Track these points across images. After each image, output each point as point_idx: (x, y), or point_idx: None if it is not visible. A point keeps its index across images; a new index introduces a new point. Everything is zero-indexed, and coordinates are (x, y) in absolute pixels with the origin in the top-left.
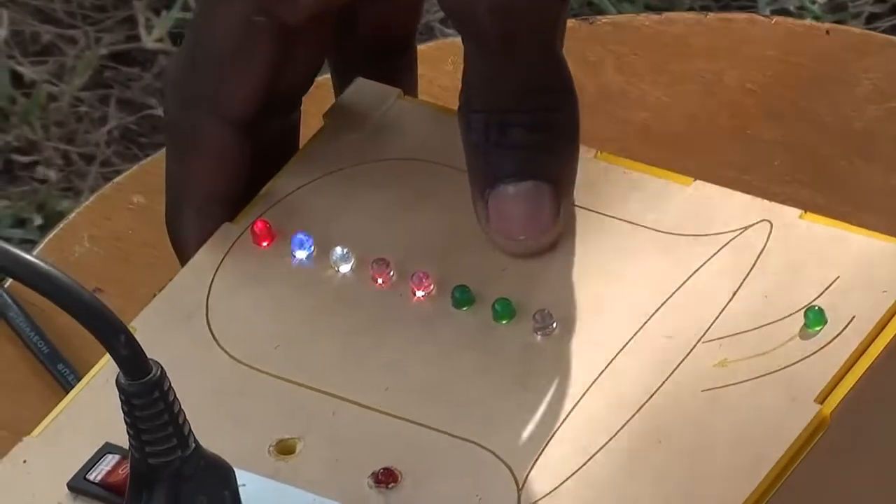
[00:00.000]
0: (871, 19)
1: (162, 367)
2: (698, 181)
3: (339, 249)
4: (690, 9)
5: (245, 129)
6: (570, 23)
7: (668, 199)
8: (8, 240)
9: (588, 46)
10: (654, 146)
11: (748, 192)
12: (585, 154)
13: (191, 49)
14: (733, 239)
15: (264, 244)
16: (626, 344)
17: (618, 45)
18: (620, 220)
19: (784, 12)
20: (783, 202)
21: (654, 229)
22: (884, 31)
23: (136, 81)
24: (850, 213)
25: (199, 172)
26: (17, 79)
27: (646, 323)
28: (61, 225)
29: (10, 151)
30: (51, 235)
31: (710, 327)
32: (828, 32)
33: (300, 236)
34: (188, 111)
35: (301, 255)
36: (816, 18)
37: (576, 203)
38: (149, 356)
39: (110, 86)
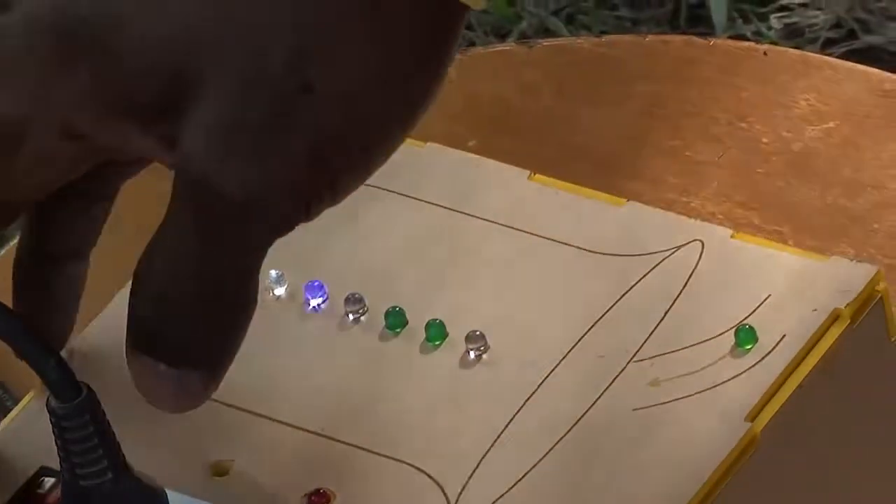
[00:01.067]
0: (827, 44)
1: (91, 390)
2: (631, 202)
3: (272, 273)
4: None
5: None
6: (509, 47)
7: (600, 219)
8: None
9: (527, 70)
10: (594, 168)
11: (686, 213)
12: (520, 175)
13: None
14: (665, 259)
15: None
16: (559, 363)
17: (556, 68)
18: (553, 240)
19: (741, 38)
20: (721, 223)
21: (586, 249)
22: (840, 56)
23: None
24: (787, 233)
25: None
26: None
27: (578, 342)
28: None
29: None
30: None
31: (641, 346)
32: (765, 54)
33: None
34: None
35: None
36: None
37: (509, 224)
38: (82, 379)
39: None
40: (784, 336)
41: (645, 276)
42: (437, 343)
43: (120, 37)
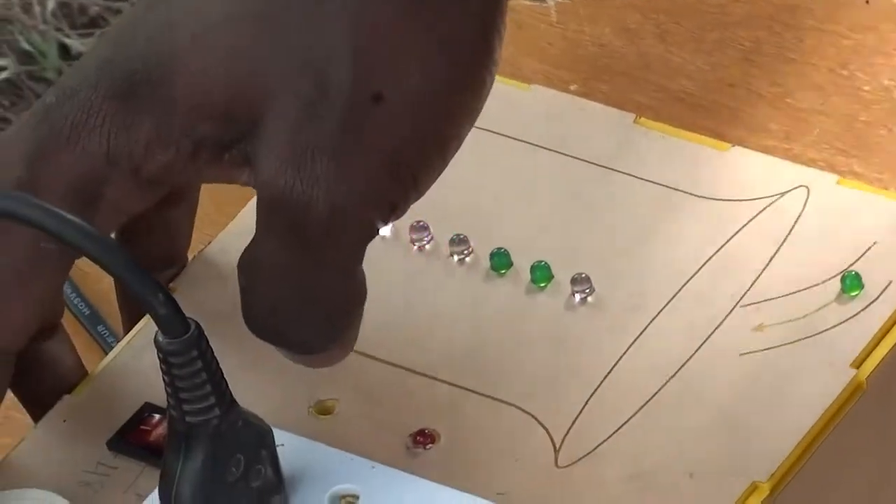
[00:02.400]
0: None
1: (200, 326)
2: (736, 147)
3: None
4: None
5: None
6: None
7: (705, 164)
8: None
9: (627, 14)
10: (693, 114)
11: (787, 160)
12: (625, 119)
13: None
14: (770, 204)
15: None
16: (664, 307)
17: (656, 13)
18: (658, 184)
19: None
20: (822, 170)
21: (691, 194)
22: None
23: None
24: (888, 180)
25: None
26: (64, 50)
27: (683, 286)
28: None
29: None
30: None
31: (747, 291)
32: (867, 2)
33: None
34: None
35: None
36: None
37: (615, 167)
38: (187, 315)
39: None
40: (890, 283)
41: (750, 221)
42: (543, 285)
43: (174, 80)
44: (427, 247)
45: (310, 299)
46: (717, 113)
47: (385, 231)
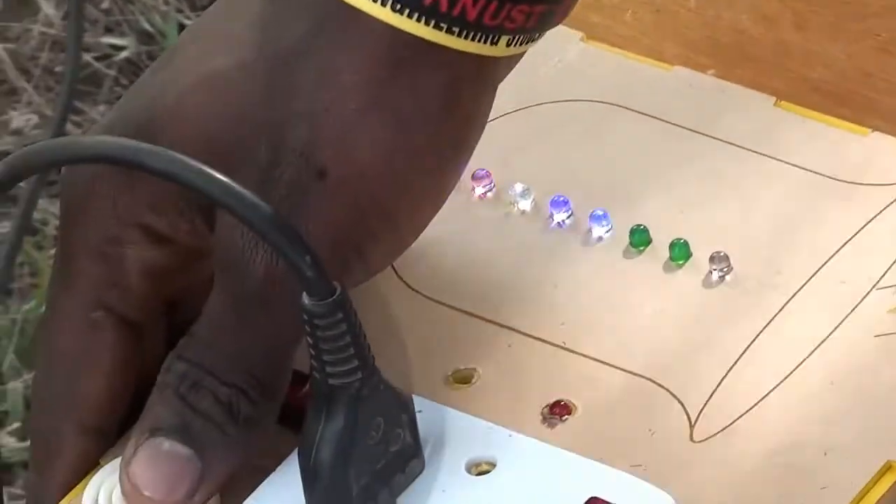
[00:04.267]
0: None
1: (344, 288)
2: (876, 132)
3: (518, 186)
4: None
5: (103, 434)
6: None
7: (845, 148)
8: None
9: (765, 1)
10: (830, 102)
11: None
12: (765, 102)
13: (42, 352)
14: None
15: None
16: (801, 288)
17: (795, 2)
18: (798, 167)
19: None
20: None
21: (831, 177)
22: None
23: None
24: None
25: (59, 480)
26: (184, 31)
27: (821, 268)
28: None
29: None
30: None
31: (884, 275)
32: None
33: (481, 173)
34: (47, 418)
35: (481, 191)
36: None
37: (754, 149)
38: None
39: None
40: None
41: (889, 205)
42: (681, 262)
43: (161, 143)
44: (567, 222)
45: (239, 361)
46: (853, 102)
47: (525, 205)
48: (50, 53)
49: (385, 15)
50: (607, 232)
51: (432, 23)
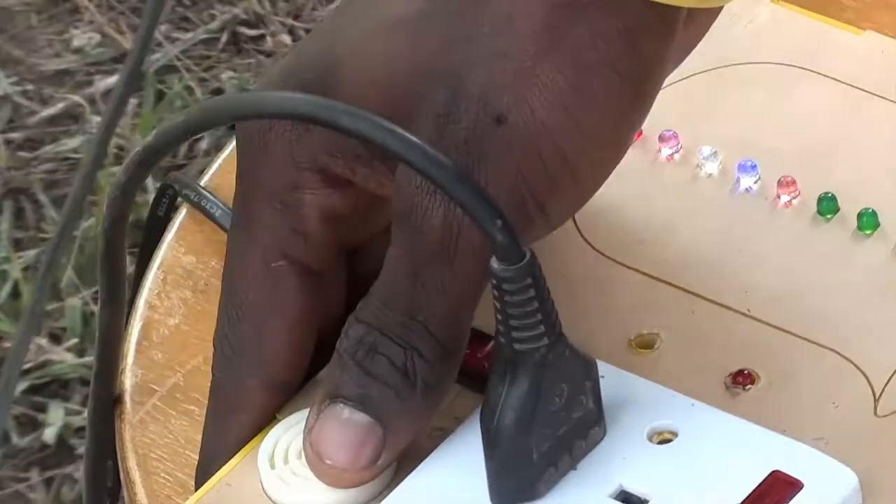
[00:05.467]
0: None
1: (534, 253)
2: None
3: (706, 149)
4: None
5: (285, 389)
6: None
7: None
8: None
9: None
10: None
11: None
12: None
13: (225, 303)
14: None
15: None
16: None
17: None
18: None
19: None
20: None
21: None
22: None
23: None
24: None
25: (239, 434)
26: None
27: None
28: None
29: (238, 24)
30: None
31: None
32: None
33: (668, 134)
34: (230, 371)
35: (668, 152)
36: None
37: None
38: None
39: None
40: None
41: None
42: (869, 232)
43: (337, 88)
44: (754, 187)
45: (416, 321)
46: None
47: (712, 168)
48: None
49: None
50: (795, 199)
51: None
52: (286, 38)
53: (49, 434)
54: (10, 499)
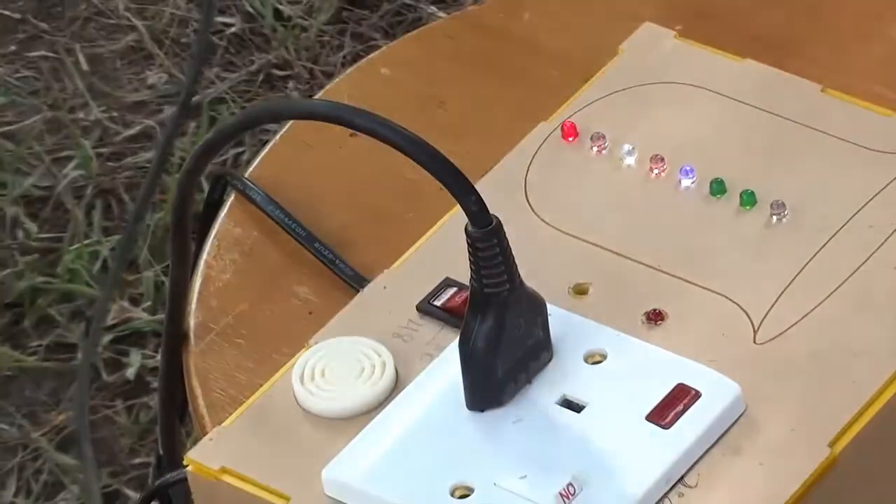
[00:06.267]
0: None
1: (499, 220)
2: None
3: (626, 146)
4: None
5: None
6: None
7: (878, 126)
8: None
9: None
10: None
11: None
12: (812, 89)
13: None
14: None
15: (570, 139)
16: (838, 231)
17: None
18: (841, 139)
19: None
20: None
21: (863, 146)
22: None
23: (366, 20)
24: None
25: None
26: (277, 14)
27: (856, 214)
28: (324, 90)
29: (271, 67)
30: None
31: None
32: None
33: (598, 134)
34: None
35: (597, 149)
36: None
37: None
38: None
39: (346, 22)
40: None
41: None
42: (748, 208)
43: None
44: (662, 174)
45: None
46: None
47: (630, 161)
48: (177, 28)
49: None
50: (693, 183)
51: None
52: (307, 77)
53: (130, 372)
54: (102, 421)
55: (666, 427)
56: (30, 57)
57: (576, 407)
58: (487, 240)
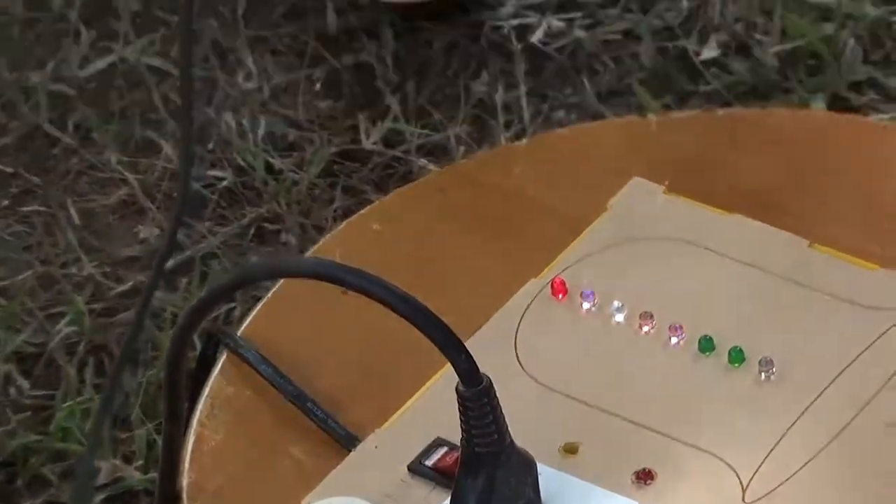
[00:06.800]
0: None
1: (490, 379)
2: (882, 269)
3: (615, 302)
4: None
5: None
6: None
7: (863, 280)
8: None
9: None
10: None
11: None
12: (800, 244)
13: None
14: None
15: (560, 296)
16: (827, 387)
17: None
18: (830, 295)
19: None
20: None
21: (850, 302)
22: None
23: (357, 173)
24: None
25: None
26: (269, 167)
27: (841, 371)
28: (316, 246)
29: (262, 221)
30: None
31: (892, 377)
32: None
33: (587, 292)
34: None
35: (587, 306)
36: None
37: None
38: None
39: (337, 175)
40: None
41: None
42: (737, 365)
43: None
44: (651, 331)
45: None
46: None
47: (619, 317)
48: (169, 182)
49: None
50: (682, 339)
51: None
52: (298, 231)
53: None
54: None
55: None
56: (22, 211)
57: None
58: (478, 399)
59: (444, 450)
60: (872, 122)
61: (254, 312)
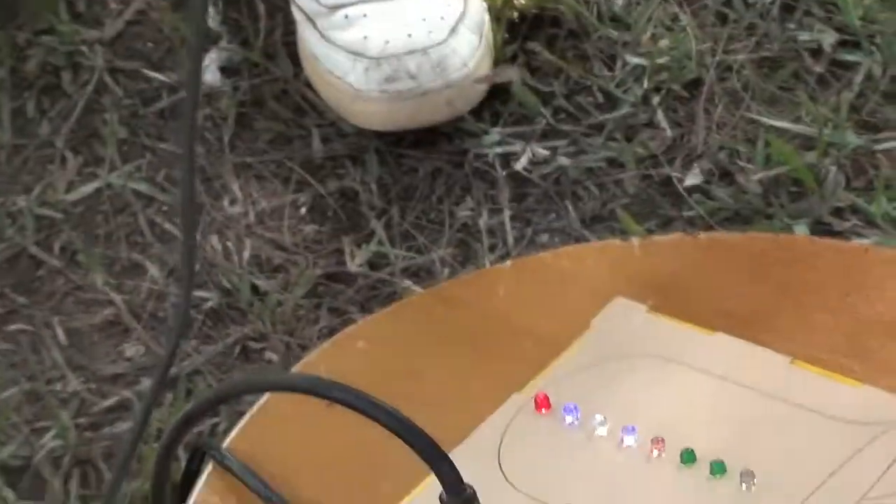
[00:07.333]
0: None
1: (474, 489)
2: (866, 386)
3: (598, 416)
4: None
5: None
6: None
7: (844, 396)
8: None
9: None
10: None
11: None
12: (783, 361)
13: None
14: (885, 432)
15: (543, 410)
16: (810, 496)
17: None
18: (812, 410)
19: None
20: None
21: (832, 417)
22: None
23: (342, 295)
24: None
25: None
26: (254, 288)
27: (821, 485)
28: (301, 362)
29: (247, 340)
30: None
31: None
32: None
33: (570, 406)
34: None
35: (570, 419)
36: None
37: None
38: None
39: (322, 297)
40: None
41: (877, 437)
42: (718, 476)
43: None
44: (633, 444)
45: None
46: None
47: (602, 431)
48: (155, 302)
49: None
50: (663, 452)
51: None
52: (283, 350)
53: None
54: None
55: None
56: (8, 331)
57: None
58: None
59: None
60: (854, 245)
61: (240, 425)
